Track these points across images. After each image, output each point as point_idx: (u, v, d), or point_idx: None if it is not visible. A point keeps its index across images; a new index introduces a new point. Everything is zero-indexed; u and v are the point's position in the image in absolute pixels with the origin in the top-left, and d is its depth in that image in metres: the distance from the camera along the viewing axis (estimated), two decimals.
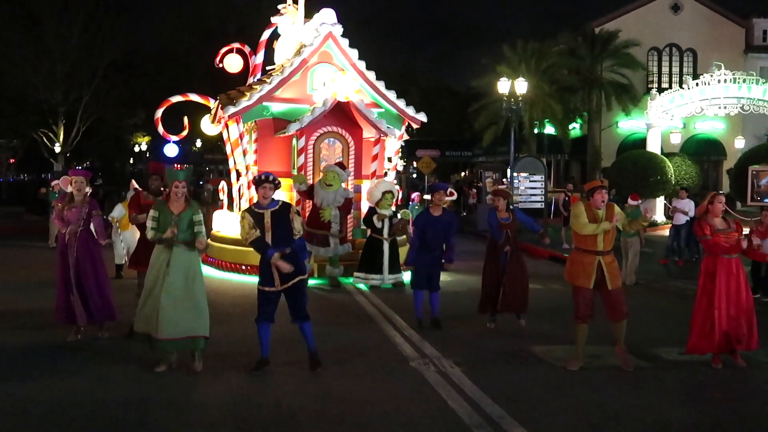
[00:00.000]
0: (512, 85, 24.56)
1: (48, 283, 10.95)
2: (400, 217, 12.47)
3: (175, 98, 17.12)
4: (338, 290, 12.01)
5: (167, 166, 7.47)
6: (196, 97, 17.22)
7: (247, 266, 12.95)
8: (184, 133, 17.92)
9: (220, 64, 17.07)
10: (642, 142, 29.53)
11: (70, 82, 35.46)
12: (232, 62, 16.97)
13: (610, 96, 33.15)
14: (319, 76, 14.23)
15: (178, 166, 8.77)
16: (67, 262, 8.05)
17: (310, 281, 12.01)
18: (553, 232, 17.87)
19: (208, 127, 17.01)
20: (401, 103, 14.88)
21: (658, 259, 15.96)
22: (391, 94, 14.73)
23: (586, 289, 7.23)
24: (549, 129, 35.66)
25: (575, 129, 36.77)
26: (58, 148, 37.83)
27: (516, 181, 22.74)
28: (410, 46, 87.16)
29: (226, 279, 12.81)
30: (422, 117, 15.10)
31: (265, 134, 14.35)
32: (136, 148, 54.76)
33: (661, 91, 28.04)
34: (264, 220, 6.79)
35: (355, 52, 14.29)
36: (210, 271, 13.19)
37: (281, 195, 12.64)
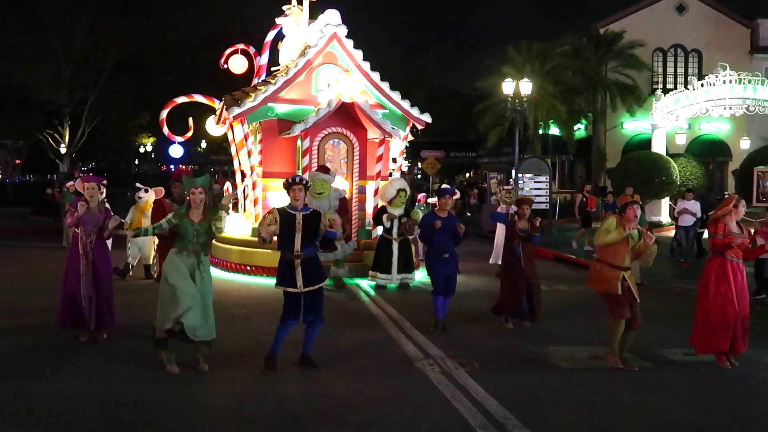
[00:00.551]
0: (517, 86, 24.55)
1: (55, 284, 11.01)
2: (410, 217, 12.41)
3: (180, 99, 17.17)
4: (343, 291, 12.03)
5: (184, 177, 7.40)
6: (200, 98, 17.26)
7: (252, 267, 12.98)
8: (189, 134, 17.98)
9: (225, 65, 17.11)
10: (647, 143, 29.49)
11: (75, 84, 35.60)
12: (236, 63, 17.02)
13: (615, 97, 33.11)
14: (324, 77, 14.27)
15: (184, 167, 8.76)
16: (78, 269, 8.01)
17: None
18: (557, 232, 17.93)
19: (213, 128, 17.04)
20: (406, 104, 14.89)
21: (666, 260, 15.94)
22: (396, 95, 14.74)
23: (617, 293, 7.33)
24: (554, 130, 35.65)
25: (580, 130, 36.74)
26: (63, 149, 37.97)
27: (521, 182, 22.72)
28: (415, 48, 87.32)
29: (231, 280, 12.84)
30: (427, 118, 15.10)
31: (270, 135, 14.37)
32: (141, 149, 54.90)
33: (666, 92, 27.99)
34: (296, 221, 6.96)
35: (359, 53, 14.30)
36: (215, 272, 13.16)
37: (284, 197, 12.64)
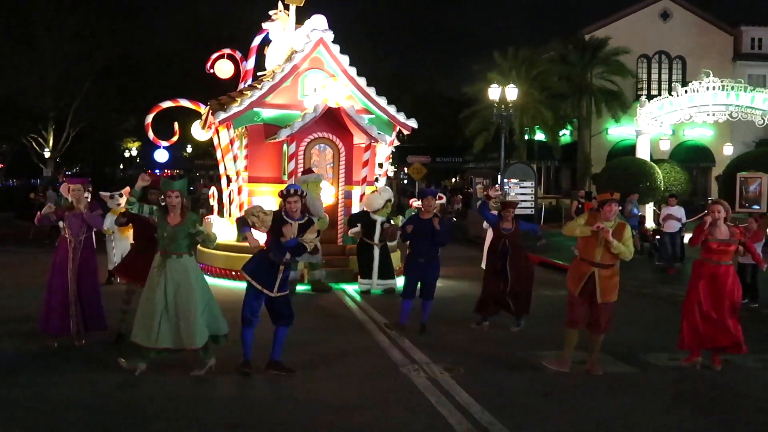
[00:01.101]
0: (503, 92, 24.65)
1: (38, 289, 10.91)
2: (392, 223, 12.47)
3: (166, 104, 17.09)
4: (328, 296, 12.00)
5: (162, 177, 7.42)
6: (186, 103, 17.19)
7: (237, 272, 12.91)
8: (175, 139, 17.89)
9: (211, 70, 17.06)
10: (632, 149, 29.64)
11: (61, 87, 35.35)
12: (223, 68, 16.98)
13: (600, 103, 33.34)
14: (310, 82, 14.26)
15: (168, 173, 8.75)
16: (64, 271, 7.92)
17: (300, 287, 12.05)
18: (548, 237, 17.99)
19: (199, 132, 16.98)
20: (392, 109, 14.90)
21: (649, 265, 16.02)
22: (382, 100, 14.75)
23: (575, 296, 7.29)
24: (539, 135, 35.80)
25: (565, 135, 36.92)
26: (47, 154, 37.67)
27: (507, 187, 22.80)
28: (402, 53, 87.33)
29: (217, 285, 12.75)
30: (413, 123, 15.12)
31: (256, 140, 14.33)
32: (127, 154, 54.61)
33: (650, 98, 28.21)
34: (291, 230, 6.93)
35: (346, 58, 14.31)
36: None
37: (271, 201, 12.63)
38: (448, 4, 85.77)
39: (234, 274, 13.01)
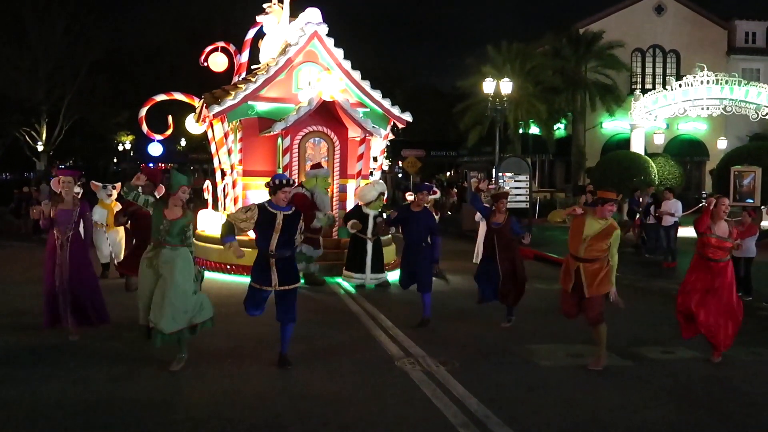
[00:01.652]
0: (497, 86, 24.64)
1: (31, 282, 10.87)
2: (385, 217, 12.45)
3: (160, 97, 17.01)
4: (324, 290, 12.00)
5: (173, 170, 7.33)
6: (180, 96, 17.12)
7: (232, 266, 12.90)
8: (169, 132, 17.83)
9: (205, 63, 16.99)
10: (626, 143, 29.77)
11: (53, 81, 35.21)
12: (216, 61, 16.90)
13: (595, 97, 33.38)
14: (305, 75, 14.21)
15: (162, 166, 8.75)
16: (53, 265, 7.89)
17: None
18: (537, 231, 18.04)
19: (193, 126, 16.91)
20: (387, 103, 14.88)
21: (643, 259, 16.04)
22: (377, 94, 14.73)
23: (566, 291, 7.40)
24: (534, 129, 35.82)
25: (560, 129, 36.97)
26: (40, 147, 37.51)
27: (501, 181, 22.78)
28: (396, 47, 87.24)
29: (211, 279, 12.73)
30: (407, 117, 15.10)
31: (250, 133, 14.30)
32: (120, 147, 54.39)
33: (644, 92, 28.28)
34: (276, 221, 6.86)
35: (340, 52, 14.27)
36: None
37: (265, 195, 12.58)
38: None
39: (229, 267, 12.99)
